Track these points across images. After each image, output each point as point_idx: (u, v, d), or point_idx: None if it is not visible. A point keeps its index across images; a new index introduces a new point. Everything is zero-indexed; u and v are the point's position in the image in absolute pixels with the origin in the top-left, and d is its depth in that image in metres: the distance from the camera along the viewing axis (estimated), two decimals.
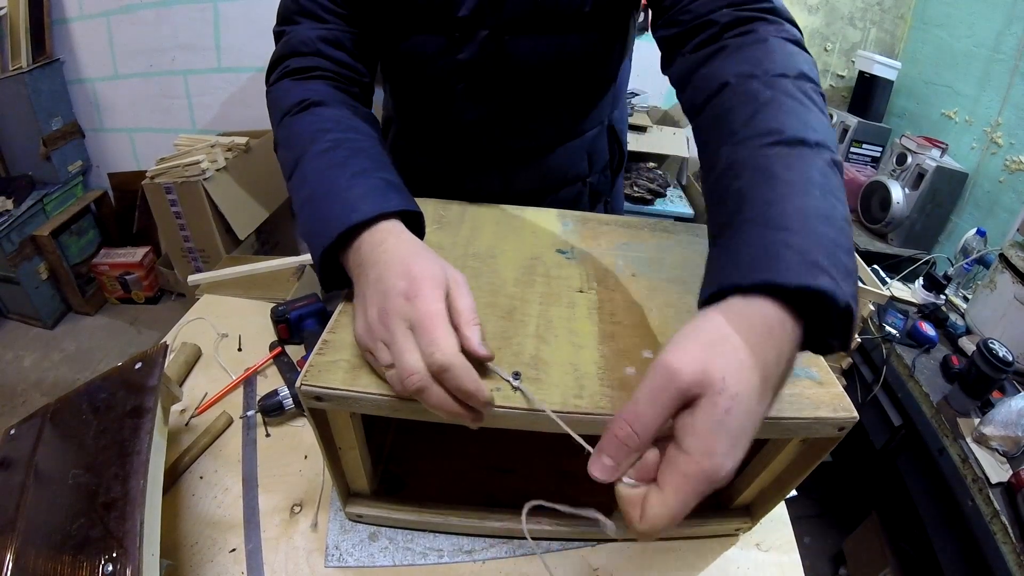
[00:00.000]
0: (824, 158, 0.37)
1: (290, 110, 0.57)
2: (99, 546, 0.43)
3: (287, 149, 0.55)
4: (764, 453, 0.53)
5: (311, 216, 0.48)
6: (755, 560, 0.60)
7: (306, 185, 0.50)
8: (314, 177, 0.50)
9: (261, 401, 0.70)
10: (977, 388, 1.16)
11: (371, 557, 0.56)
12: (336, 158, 0.51)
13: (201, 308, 0.92)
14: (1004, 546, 0.96)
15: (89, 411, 0.55)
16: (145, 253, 2.35)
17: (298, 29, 0.63)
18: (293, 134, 0.56)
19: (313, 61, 0.61)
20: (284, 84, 0.61)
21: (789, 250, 0.32)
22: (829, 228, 0.34)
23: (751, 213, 0.35)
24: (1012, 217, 1.66)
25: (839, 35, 2.28)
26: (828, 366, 0.50)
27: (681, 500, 0.30)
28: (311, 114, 0.56)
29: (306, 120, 0.56)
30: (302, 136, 0.54)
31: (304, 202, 0.50)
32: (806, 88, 0.42)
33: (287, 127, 0.57)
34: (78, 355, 2.15)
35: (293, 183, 0.53)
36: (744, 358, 0.30)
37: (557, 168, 0.81)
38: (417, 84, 0.72)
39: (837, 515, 1.70)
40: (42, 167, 2.22)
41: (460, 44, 0.65)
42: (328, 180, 0.49)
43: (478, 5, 0.61)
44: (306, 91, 0.58)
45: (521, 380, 0.43)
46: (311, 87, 0.59)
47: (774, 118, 0.39)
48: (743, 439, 0.30)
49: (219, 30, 2.18)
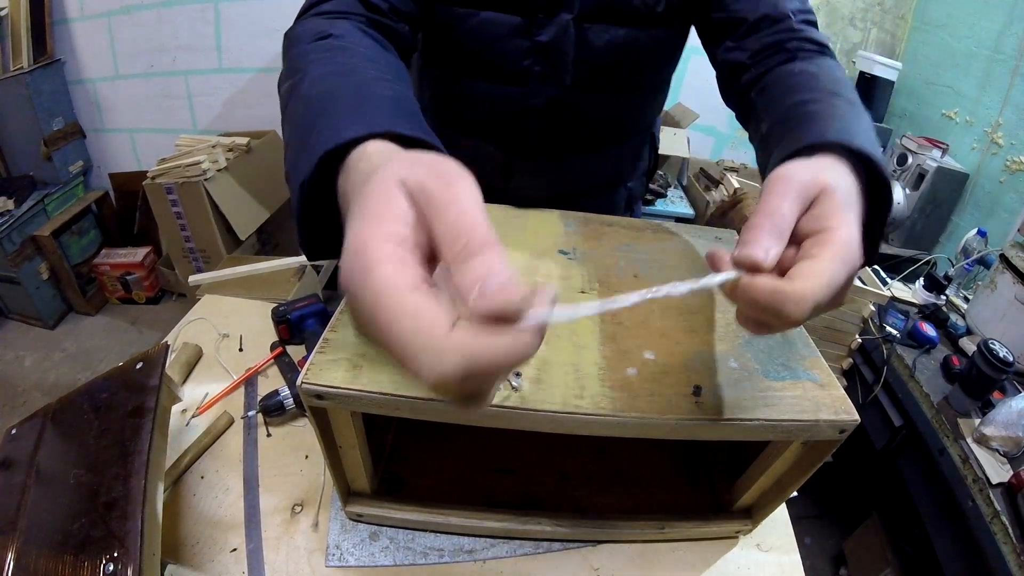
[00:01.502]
0: (871, 122, 0.46)
1: (302, 39, 0.50)
2: (100, 546, 0.43)
3: (288, 78, 0.47)
4: (765, 456, 0.53)
5: (295, 148, 0.38)
6: (755, 560, 0.60)
7: (298, 114, 0.41)
8: (305, 104, 0.41)
9: (262, 401, 0.70)
10: (977, 388, 1.16)
11: (372, 557, 0.56)
12: (335, 83, 0.42)
13: (202, 308, 0.92)
14: (1004, 546, 0.96)
15: (90, 411, 0.55)
16: (146, 253, 2.35)
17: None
18: (297, 63, 0.47)
19: (347, 4, 0.55)
20: (309, 21, 0.54)
21: (868, 140, 0.39)
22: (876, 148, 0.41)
23: (832, 119, 0.43)
24: (1013, 217, 1.66)
25: (840, 35, 2.28)
26: (829, 367, 0.50)
27: (834, 264, 0.30)
28: (322, 46, 0.48)
29: (311, 50, 0.48)
30: (304, 63, 0.46)
31: (293, 132, 0.40)
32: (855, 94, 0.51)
33: (292, 60, 0.49)
34: (79, 355, 2.15)
35: (286, 115, 0.43)
36: (845, 178, 0.36)
37: (605, 168, 0.83)
38: (482, 63, 0.70)
39: (838, 515, 1.70)
40: (43, 167, 2.22)
41: (542, 25, 0.65)
42: (320, 103, 0.39)
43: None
44: (330, 27, 0.51)
45: (521, 380, 0.43)
46: (338, 24, 0.52)
47: (840, 88, 0.49)
48: (857, 245, 0.32)
49: (220, 30, 2.18)
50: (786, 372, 0.48)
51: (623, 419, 0.42)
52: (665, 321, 0.52)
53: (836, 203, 0.33)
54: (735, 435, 0.44)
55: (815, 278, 0.30)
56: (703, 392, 0.44)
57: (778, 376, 0.48)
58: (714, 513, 0.62)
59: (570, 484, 0.64)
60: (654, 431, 0.43)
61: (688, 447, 0.70)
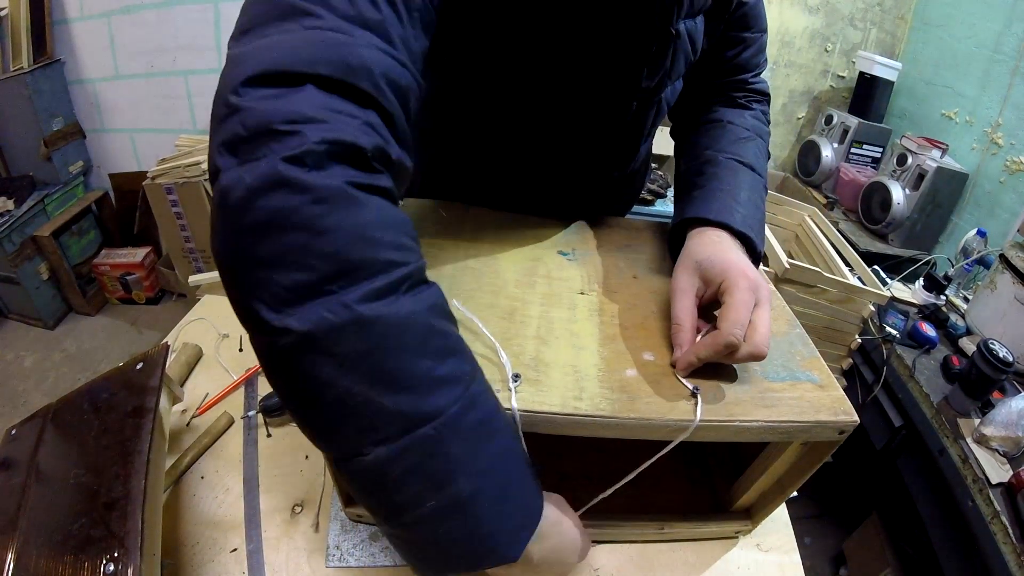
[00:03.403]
0: (761, 182, 0.65)
1: (380, 292, 0.32)
2: (100, 546, 0.43)
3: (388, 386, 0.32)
4: (764, 456, 0.54)
5: (469, 523, 0.34)
6: (755, 560, 0.60)
7: (462, 478, 0.33)
8: (478, 467, 0.34)
9: (262, 401, 0.70)
10: (977, 388, 1.16)
11: (372, 557, 0.56)
12: (483, 431, 0.35)
13: (202, 308, 0.92)
14: (1004, 546, 0.96)
15: (90, 411, 0.55)
16: (146, 253, 2.35)
17: (355, 46, 0.35)
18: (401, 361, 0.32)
19: (373, 139, 0.34)
20: (351, 198, 0.32)
21: (738, 213, 0.57)
22: (753, 209, 0.60)
23: (721, 186, 0.61)
24: (1012, 217, 1.66)
25: (839, 35, 2.28)
26: (828, 368, 0.50)
27: (742, 295, 0.47)
28: (416, 315, 0.33)
29: (416, 331, 0.33)
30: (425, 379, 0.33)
31: (458, 502, 0.34)
32: (761, 145, 0.70)
33: (377, 326, 0.32)
34: (79, 355, 2.15)
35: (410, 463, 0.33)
36: (711, 244, 0.55)
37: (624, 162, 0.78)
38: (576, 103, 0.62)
39: (838, 516, 1.70)
40: (43, 167, 2.22)
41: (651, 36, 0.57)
42: (497, 473, 0.35)
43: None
44: (396, 237, 0.34)
45: (520, 382, 0.43)
46: (389, 217, 0.34)
47: (742, 150, 0.66)
48: (743, 274, 0.49)
49: (220, 30, 2.18)
50: (785, 373, 0.48)
51: (622, 420, 0.42)
52: (664, 322, 0.52)
53: (717, 269, 0.50)
54: (735, 436, 0.44)
55: (733, 313, 0.46)
56: (702, 393, 0.44)
57: (777, 377, 0.48)
58: (714, 513, 0.62)
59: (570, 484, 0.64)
60: (654, 432, 0.43)
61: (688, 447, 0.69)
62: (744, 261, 0.52)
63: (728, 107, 0.73)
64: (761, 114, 0.74)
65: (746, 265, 0.50)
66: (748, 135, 0.68)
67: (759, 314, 0.46)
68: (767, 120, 0.75)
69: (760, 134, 0.70)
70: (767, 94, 0.76)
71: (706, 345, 0.45)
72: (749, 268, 0.50)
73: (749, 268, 0.50)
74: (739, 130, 0.69)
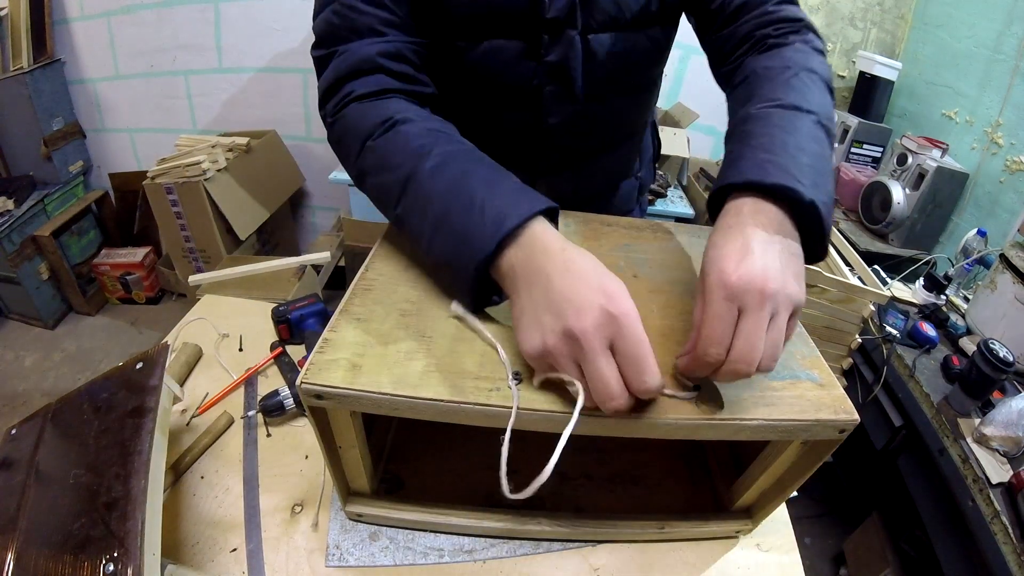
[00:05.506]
0: (812, 119, 0.52)
1: (372, 133, 0.54)
2: (100, 546, 0.43)
3: (384, 172, 0.52)
4: (765, 456, 0.53)
5: (451, 233, 0.46)
6: (755, 560, 0.60)
7: (433, 204, 0.48)
8: (440, 194, 0.48)
9: (262, 401, 0.70)
10: (977, 388, 1.16)
11: (372, 557, 0.56)
12: (454, 171, 0.49)
13: (202, 308, 0.92)
14: (1005, 547, 0.96)
15: (90, 411, 0.55)
16: (146, 253, 2.35)
17: (352, 48, 0.58)
18: (388, 156, 0.52)
19: (378, 80, 0.57)
20: (354, 109, 0.57)
21: (771, 164, 0.46)
22: (803, 156, 0.48)
23: (752, 142, 0.50)
24: (1013, 217, 1.66)
25: (840, 35, 2.28)
26: (829, 367, 0.50)
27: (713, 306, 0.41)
28: (398, 133, 0.53)
29: (397, 140, 0.53)
30: (402, 156, 0.51)
31: (437, 222, 0.47)
32: (813, 77, 0.57)
33: (375, 151, 0.54)
34: (79, 355, 2.15)
35: (408, 206, 0.50)
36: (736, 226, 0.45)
37: (620, 165, 0.86)
38: (492, 93, 0.70)
39: (838, 515, 1.70)
40: (43, 167, 2.22)
41: (549, 46, 0.64)
42: (461, 193, 0.47)
43: (570, 5, 0.62)
44: (386, 110, 0.55)
45: (521, 381, 0.43)
46: (390, 106, 0.56)
47: (780, 92, 0.55)
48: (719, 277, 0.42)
49: (220, 30, 2.18)
50: (786, 372, 0.48)
51: (622, 419, 0.42)
52: (665, 321, 0.51)
53: (704, 271, 0.43)
54: (735, 435, 0.44)
55: (705, 328, 0.40)
56: (702, 392, 0.44)
57: (778, 376, 0.48)
58: (714, 513, 0.62)
59: (570, 484, 0.64)
60: (654, 431, 0.43)
61: (688, 447, 0.70)
62: (734, 255, 0.41)
63: (758, 54, 0.63)
64: (803, 43, 0.62)
65: (730, 266, 0.40)
66: (787, 75, 0.57)
67: (745, 324, 0.39)
68: (815, 48, 0.62)
69: (805, 66, 0.58)
70: (800, 19, 0.63)
71: (688, 363, 0.43)
72: (733, 269, 0.40)
73: (733, 269, 0.40)
74: (771, 72, 0.58)
